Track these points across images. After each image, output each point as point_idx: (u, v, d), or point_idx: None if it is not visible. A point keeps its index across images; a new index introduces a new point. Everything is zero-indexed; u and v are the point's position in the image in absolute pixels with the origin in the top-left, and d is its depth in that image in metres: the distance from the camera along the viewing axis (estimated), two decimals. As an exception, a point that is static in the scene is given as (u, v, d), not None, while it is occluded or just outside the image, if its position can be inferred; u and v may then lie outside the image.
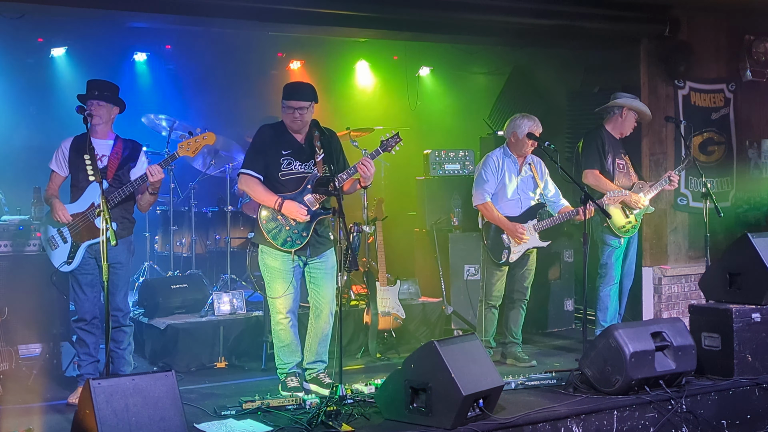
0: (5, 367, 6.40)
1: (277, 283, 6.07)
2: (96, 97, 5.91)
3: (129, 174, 5.98)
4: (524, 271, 7.13)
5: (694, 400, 5.88)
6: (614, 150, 7.42)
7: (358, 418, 5.27)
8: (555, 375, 6.25)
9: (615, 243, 7.34)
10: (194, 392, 6.25)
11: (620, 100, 7.42)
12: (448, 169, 8.62)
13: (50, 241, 5.94)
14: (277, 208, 5.92)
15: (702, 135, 8.68)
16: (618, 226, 7.29)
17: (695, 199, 8.49)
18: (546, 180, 7.17)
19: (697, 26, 8.55)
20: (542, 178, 7.14)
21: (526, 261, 7.10)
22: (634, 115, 7.47)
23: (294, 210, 5.91)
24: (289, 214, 5.92)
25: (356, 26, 7.88)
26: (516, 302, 7.16)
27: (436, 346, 5.18)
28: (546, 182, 7.17)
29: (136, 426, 4.52)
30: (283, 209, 5.91)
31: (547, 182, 7.18)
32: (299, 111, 5.97)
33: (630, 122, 7.47)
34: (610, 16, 8.00)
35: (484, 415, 5.29)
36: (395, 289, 7.56)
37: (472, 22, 7.69)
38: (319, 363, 6.23)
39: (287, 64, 10.09)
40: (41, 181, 6.40)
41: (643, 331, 5.95)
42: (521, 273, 7.12)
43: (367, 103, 10.47)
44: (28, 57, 8.87)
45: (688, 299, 8.32)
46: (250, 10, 6.93)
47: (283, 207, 5.91)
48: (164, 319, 7.24)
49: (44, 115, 8.84)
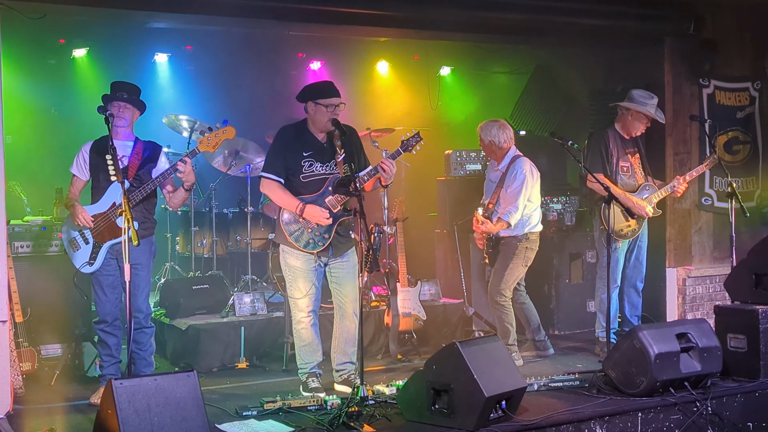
0: (28, 367, 6.43)
1: (298, 282, 6.06)
2: (123, 99, 5.92)
3: (150, 174, 5.99)
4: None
5: (719, 402, 5.83)
6: (619, 151, 7.36)
7: (379, 419, 5.26)
8: (578, 376, 6.20)
9: (613, 246, 7.26)
10: (216, 393, 6.25)
11: (625, 103, 7.34)
12: (470, 170, 8.58)
13: (72, 243, 5.95)
14: (299, 213, 5.91)
15: (727, 134, 8.61)
16: (616, 229, 7.22)
17: (720, 199, 8.42)
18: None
19: (722, 24, 8.47)
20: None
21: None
22: (644, 117, 7.37)
23: (316, 214, 5.89)
24: (311, 218, 5.91)
25: (377, 25, 7.85)
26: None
27: (458, 347, 5.15)
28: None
29: (158, 426, 4.52)
30: (305, 214, 5.90)
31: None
32: (338, 108, 5.97)
33: (637, 124, 7.37)
34: (634, 14, 7.94)
35: (507, 416, 5.25)
36: (416, 290, 7.53)
37: (493, 20, 7.65)
38: (348, 364, 6.22)
39: (307, 65, 10.08)
40: (63, 182, 6.42)
41: (668, 332, 5.90)
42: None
43: (387, 104, 10.45)
44: (51, 58, 8.92)
45: (713, 300, 8.26)
46: (270, 9, 6.92)
47: (304, 212, 5.90)
48: (185, 320, 7.25)
49: (66, 116, 8.89)
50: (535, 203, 7.08)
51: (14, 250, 6.88)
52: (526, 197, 6.96)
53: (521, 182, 6.94)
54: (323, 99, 5.96)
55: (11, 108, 7.67)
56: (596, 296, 7.57)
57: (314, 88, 6.15)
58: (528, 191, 6.98)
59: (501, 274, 7.07)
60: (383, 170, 5.87)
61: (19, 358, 6.31)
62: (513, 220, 6.91)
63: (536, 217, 7.12)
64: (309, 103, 6.03)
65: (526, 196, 6.96)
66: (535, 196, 7.08)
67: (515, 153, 7.13)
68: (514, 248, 7.04)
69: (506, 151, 7.11)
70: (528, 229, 7.05)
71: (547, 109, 9.82)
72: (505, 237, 7.07)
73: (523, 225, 7.02)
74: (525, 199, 6.96)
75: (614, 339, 6.91)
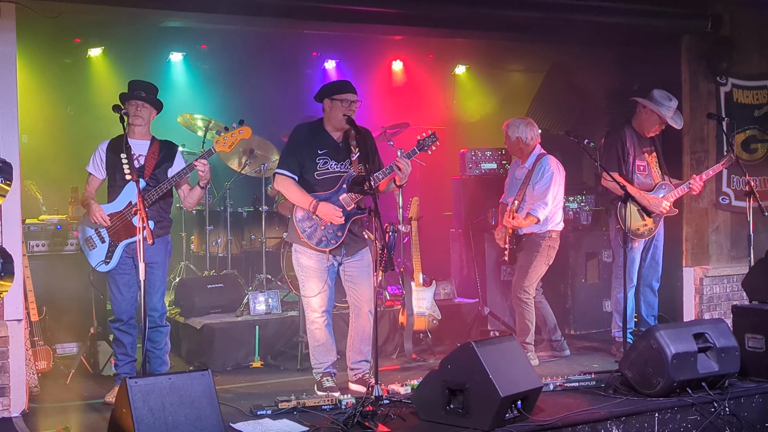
0: (43, 365, 6.45)
1: (311, 282, 6.05)
2: (141, 98, 5.92)
3: (166, 174, 5.99)
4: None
5: (737, 402, 5.79)
6: (636, 150, 7.32)
7: (394, 419, 5.24)
8: (594, 377, 6.17)
9: (630, 245, 7.21)
10: (230, 392, 6.25)
11: (642, 99, 7.31)
12: (485, 169, 8.54)
13: (88, 241, 5.96)
14: (312, 210, 5.90)
15: (744, 132, 8.55)
16: (632, 228, 7.17)
17: (738, 198, 8.36)
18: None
19: (739, 21, 8.39)
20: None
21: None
22: (658, 118, 7.32)
23: (329, 212, 5.89)
24: (324, 216, 5.90)
25: (392, 23, 7.84)
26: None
27: (473, 346, 5.13)
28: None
29: (173, 425, 4.53)
30: (318, 211, 5.89)
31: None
32: (354, 104, 5.98)
33: (650, 123, 7.32)
34: (652, 11, 7.88)
35: (522, 416, 5.22)
36: (431, 289, 7.51)
37: (510, 18, 7.61)
38: (363, 363, 6.21)
39: (322, 63, 10.07)
40: (79, 181, 6.43)
41: (685, 332, 5.86)
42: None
43: (402, 102, 10.42)
44: (66, 57, 8.94)
45: (731, 300, 8.20)
46: (285, 7, 6.91)
47: (318, 209, 5.89)
48: (200, 319, 7.26)
49: (82, 115, 8.91)
50: (559, 201, 7.07)
51: (30, 249, 6.91)
52: (554, 194, 6.97)
53: (549, 179, 6.95)
54: (339, 95, 5.98)
55: (27, 107, 7.69)
56: (612, 296, 7.54)
57: (331, 85, 6.20)
58: (556, 188, 6.97)
59: (525, 271, 7.05)
60: (398, 169, 5.86)
61: (35, 356, 6.32)
62: (542, 216, 6.91)
63: (559, 216, 7.11)
64: (325, 101, 6.05)
65: (554, 193, 6.96)
66: (560, 195, 7.07)
67: (541, 151, 7.13)
68: (537, 245, 7.02)
69: (532, 148, 7.11)
70: (551, 227, 7.03)
71: (563, 107, 9.76)
72: (527, 234, 7.05)
73: (546, 222, 7.01)
74: (554, 195, 6.96)
75: (631, 339, 6.87)
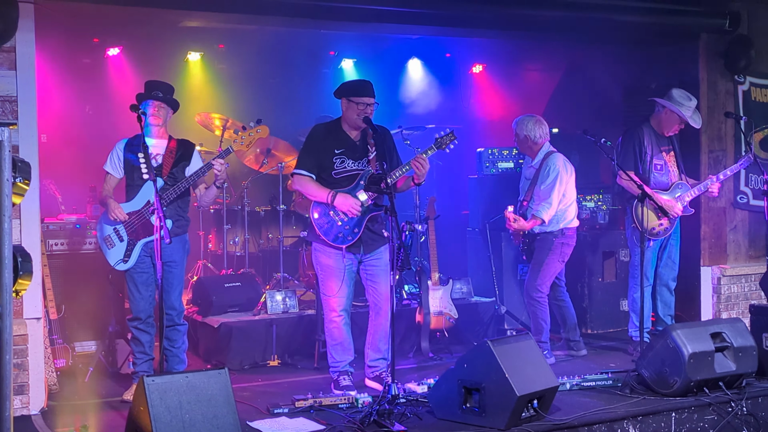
0: (62, 363, 6.50)
1: (330, 281, 6.07)
2: (158, 98, 5.95)
3: (184, 173, 6.02)
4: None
5: (755, 402, 5.77)
6: (654, 149, 7.29)
7: (410, 418, 5.25)
8: (611, 376, 6.16)
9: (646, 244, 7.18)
10: (247, 390, 6.27)
11: (661, 100, 7.28)
12: (502, 168, 8.53)
13: (107, 240, 5.99)
14: (330, 201, 5.93)
15: (763, 131, 8.50)
16: (648, 227, 7.15)
17: (756, 197, 8.32)
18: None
19: (757, 19, 8.35)
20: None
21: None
22: (678, 118, 7.29)
23: (347, 202, 5.92)
24: (341, 207, 5.93)
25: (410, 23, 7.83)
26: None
27: (489, 345, 5.14)
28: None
29: (190, 423, 4.55)
30: (335, 203, 5.92)
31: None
32: (370, 107, 6.00)
33: (670, 123, 7.30)
34: (670, 10, 7.86)
35: (539, 415, 5.22)
36: (448, 288, 7.51)
37: (528, 17, 7.60)
38: (381, 360, 6.23)
39: (339, 63, 10.08)
40: (97, 180, 6.46)
41: (702, 331, 5.84)
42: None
43: (419, 101, 10.42)
44: (85, 57, 8.98)
45: (748, 299, 8.16)
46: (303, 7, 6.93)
47: (335, 200, 5.92)
48: (218, 318, 7.28)
49: (100, 115, 8.94)
50: (570, 198, 7.04)
51: (49, 248, 6.96)
52: (560, 193, 6.92)
53: (554, 178, 6.91)
54: (356, 97, 5.99)
55: (46, 107, 7.74)
56: (629, 295, 7.52)
57: (350, 85, 6.21)
58: (562, 187, 6.94)
59: (537, 270, 7.04)
60: (416, 167, 5.87)
61: (54, 354, 6.37)
62: (546, 217, 6.87)
63: (572, 213, 7.08)
64: (343, 100, 6.09)
65: (560, 192, 6.92)
66: (570, 191, 7.04)
67: (549, 149, 7.10)
68: (549, 244, 7.00)
69: (540, 146, 7.08)
70: (564, 225, 7.01)
71: (580, 106, 9.73)
72: (540, 233, 7.03)
73: (558, 220, 6.99)
74: (559, 194, 6.92)
75: (647, 338, 6.85)
